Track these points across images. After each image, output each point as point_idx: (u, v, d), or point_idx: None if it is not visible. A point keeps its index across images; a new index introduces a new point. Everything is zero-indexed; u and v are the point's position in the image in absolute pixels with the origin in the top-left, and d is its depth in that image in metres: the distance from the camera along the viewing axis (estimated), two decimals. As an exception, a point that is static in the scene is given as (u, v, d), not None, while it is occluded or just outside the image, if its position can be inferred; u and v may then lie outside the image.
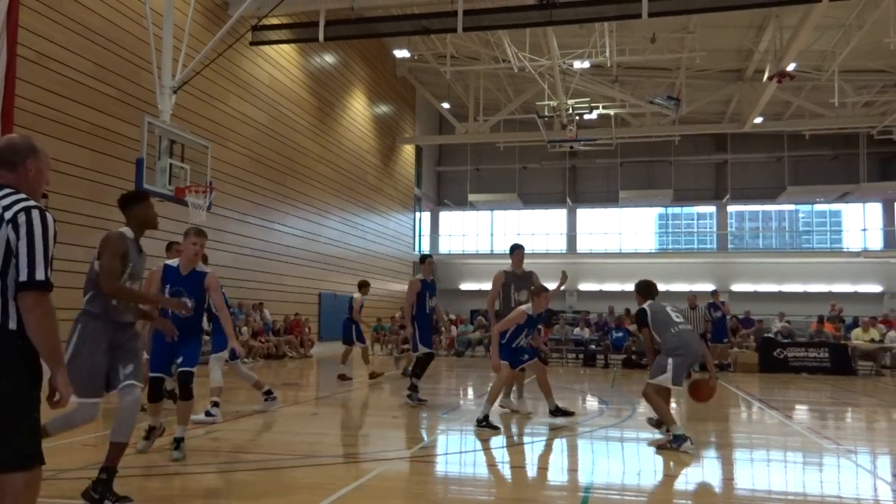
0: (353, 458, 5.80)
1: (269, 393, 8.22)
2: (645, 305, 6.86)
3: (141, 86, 13.96)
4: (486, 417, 7.25)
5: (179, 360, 5.57)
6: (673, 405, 7.98)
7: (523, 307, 7.59)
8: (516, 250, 8.65)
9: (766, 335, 17.80)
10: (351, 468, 5.46)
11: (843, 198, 31.74)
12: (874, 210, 32.50)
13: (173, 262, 5.88)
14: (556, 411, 7.76)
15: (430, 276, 9.35)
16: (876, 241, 32.31)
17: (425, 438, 7.29)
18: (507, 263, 8.74)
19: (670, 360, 6.41)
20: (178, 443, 5.54)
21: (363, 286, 12.73)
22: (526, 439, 7.15)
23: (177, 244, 6.93)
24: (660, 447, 6.43)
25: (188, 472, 5.32)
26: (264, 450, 6.09)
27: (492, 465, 5.98)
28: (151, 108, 12.75)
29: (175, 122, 12.55)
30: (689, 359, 6.57)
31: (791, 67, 19.35)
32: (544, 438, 7.17)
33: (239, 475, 5.25)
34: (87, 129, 13.08)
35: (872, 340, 16.61)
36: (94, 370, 4.17)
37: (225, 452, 6.02)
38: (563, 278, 8.30)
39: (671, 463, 6.14)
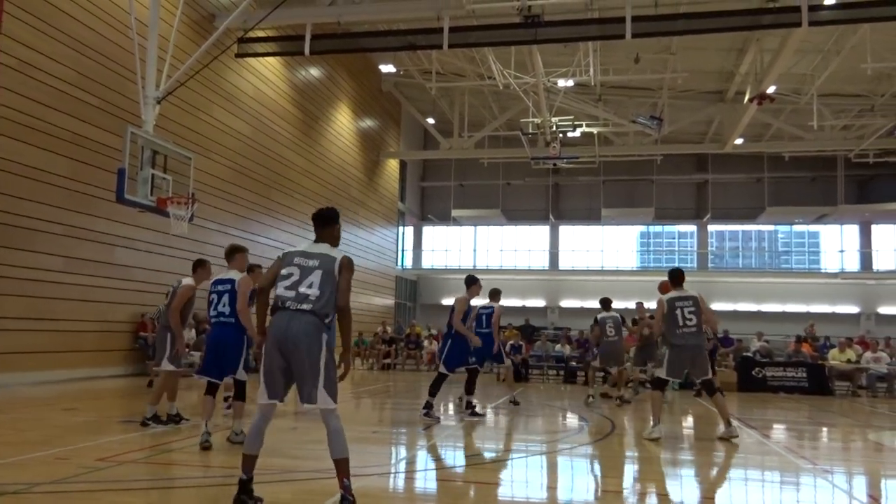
0: (332, 474, 5.75)
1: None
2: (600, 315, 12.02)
3: (125, 96, 13.89)
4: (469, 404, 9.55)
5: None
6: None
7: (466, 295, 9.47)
8: (679, 275, 8.61)
9: (744, 354, 17.91)
10: (329, 484, 5.41)
11: (821, 219, 32.20)
12: (851, 232, 32.97)
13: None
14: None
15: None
16: (853, 263, 32.75)
17: (405, 454, 7.25)
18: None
19: None
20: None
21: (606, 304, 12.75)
22: (505, 456, 7.13)
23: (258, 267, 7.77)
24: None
25: (161, 486, 5.26)
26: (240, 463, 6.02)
27: (471, 481, 5.95)
28: (135, 118, 12.69)
29: (158, 132, 12.49)
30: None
31: (771, 90, 19.67)
32: (524, 455, 7.16)
33: (212, 490, 5.19)
34: (69, 137, 12.98)
35: (849, 361, 16.78)
36: None
37: (199, 467, 5.95)
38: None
39: (650, 481, 6.15)
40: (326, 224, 4.71)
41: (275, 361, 4.36)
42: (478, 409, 9.85)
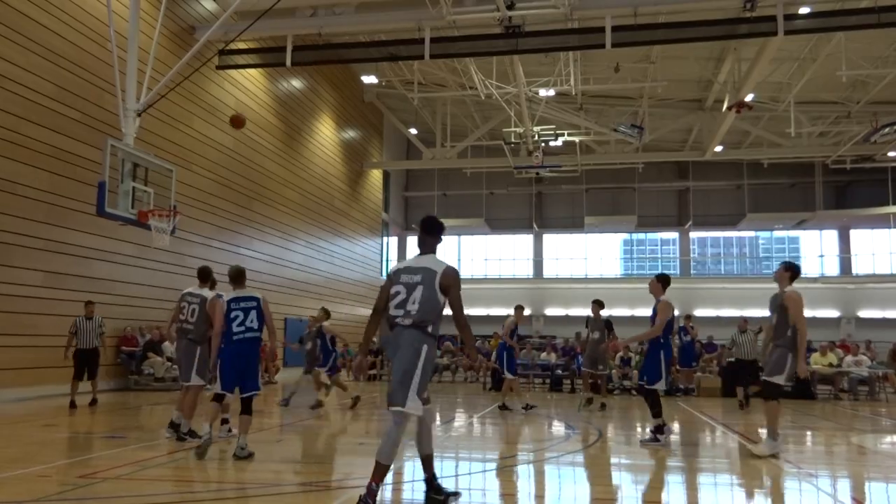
0: (318, 487, 5.71)
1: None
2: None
3: (104, 108, 13.79)
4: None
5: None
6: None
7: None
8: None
9: (728, 359, 17.98)
10: (315, 496, 5.38)
11: (800, 225, 32.58)
12: (830, 237, 33.39)
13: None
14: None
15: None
16: (832, 268, 33.15)
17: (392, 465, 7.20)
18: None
19: None
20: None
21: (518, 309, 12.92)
22: (493, 466, 7.12)
23: None
24: None
25: (149, 500, 5.19)
26: (227, 478, 5.97)
27: (459, 492, 5.93)
28: (115, 130, 12.58)
29: (139, 145, 12.38)
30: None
31: (749, 98, 19.93)
32: (511, 465, 7.15)
33: (200, 506, 5.13)
34: (48, 151, 12.86)
35: (831, 365, 16.95)
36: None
37: (187, 481, 5.89)
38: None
39: (637, 487, 6.16)
40: (433, 232, 4.86)
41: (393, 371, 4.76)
42: (659, 437, 8.20)
